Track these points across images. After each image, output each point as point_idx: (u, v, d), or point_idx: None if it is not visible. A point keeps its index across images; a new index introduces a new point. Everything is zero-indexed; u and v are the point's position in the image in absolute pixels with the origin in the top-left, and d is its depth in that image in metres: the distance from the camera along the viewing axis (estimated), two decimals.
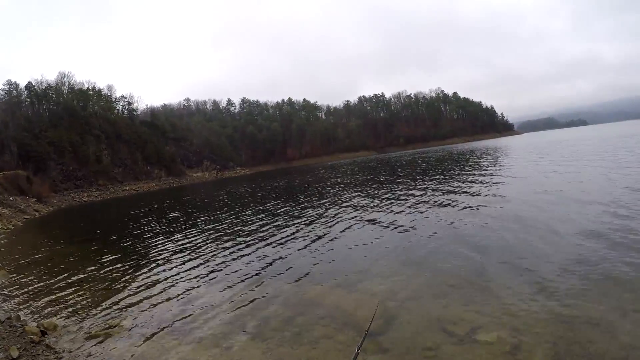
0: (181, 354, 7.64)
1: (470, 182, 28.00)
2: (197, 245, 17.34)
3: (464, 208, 18.28)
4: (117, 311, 10.25)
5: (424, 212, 18.81)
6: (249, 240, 17.15)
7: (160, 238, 20.16)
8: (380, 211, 20.49)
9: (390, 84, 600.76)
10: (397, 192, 27.77)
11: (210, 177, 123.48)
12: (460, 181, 29.40)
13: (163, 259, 15.59)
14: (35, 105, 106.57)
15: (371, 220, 18.30)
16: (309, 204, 27.31)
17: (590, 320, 6.97)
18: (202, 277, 12.52)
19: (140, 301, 10.86)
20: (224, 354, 7.51)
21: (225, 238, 18.23)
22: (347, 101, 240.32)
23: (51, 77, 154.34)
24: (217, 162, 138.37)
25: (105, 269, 14.83)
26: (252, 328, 8.46)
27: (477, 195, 21.50)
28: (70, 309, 10.69)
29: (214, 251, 15.91)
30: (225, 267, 13.38)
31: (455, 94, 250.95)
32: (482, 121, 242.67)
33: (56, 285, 13.14)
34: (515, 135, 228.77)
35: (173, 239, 19.40)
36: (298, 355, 7.16)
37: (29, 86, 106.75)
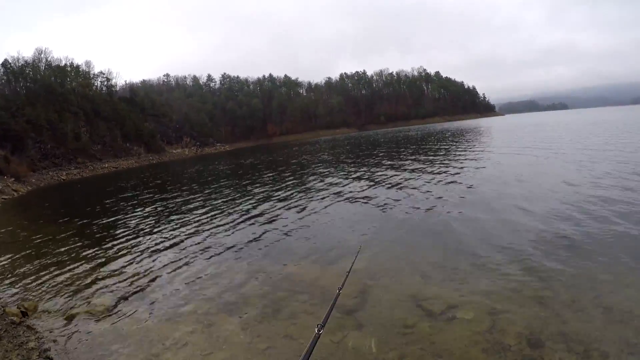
0: (161, 331, 7.73)
1: (447, 162, 28.34)
2: (176, 223, 17.36)
3: (441, 188, 18.56)
4: (98, 290, 10.28)
5: (402, 190, 19.04)
6: (227, 217, 17.25)
7: (139, 216, 20.13)
8: (357, 189, 20.72)
9: (368, 66, 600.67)
10: (375, 170, 28.01)
11: (190, 154, 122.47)
12: (436, 161, 29.65)
13: (142, 237, 15.60)
14: (12, 83, 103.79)
15: (348, 198, 18.55)
16: (285, 181, 27.41)
17: (565, 301, 7.17)
18: (181, 255, 12.59)
19: (121, 280, 10.91)
20: (204, 330, 7.62)
21: (203, 215, 18.26)
22: (329, 78, 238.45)
23: (28, 54, 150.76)
24: (197, 139, 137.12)
25: (85, 248, 14.79)
26: (232, 305, 8.59)
27: (454, 175, 21.77)
28: (51, 290, 10.68)
29: (192, 229, 15.96)
30: (203, 245, 13.47)
31: (437, 73, 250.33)
32: (463, 101, 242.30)
33: (36, 266, 13.08)
34: (496, 116, 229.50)
35: (152, 217, 19.39)
36: (277, 331, 7.30)
37: (5, 64, 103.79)
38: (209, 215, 18.26)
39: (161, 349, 7.09)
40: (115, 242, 15.26)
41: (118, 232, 17.02)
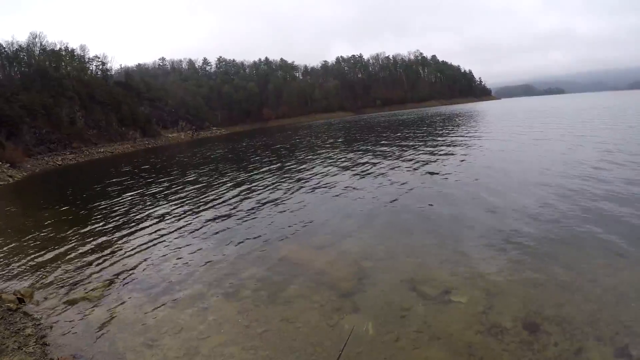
0: (158, 315, 7.76)
1: (440, 144, 28.36)
2: (172, 207, 17.34)
3: (433, 173, 18.53)
4: (94, 276, 10.28)
5: (396, 173, 19.09)
6: (224, 202, 17.22)
7: (136, 201, 20.05)
8: (352, 172, 20.75)
9: (363, 49, 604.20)
10: (365, 154, 27.99)
11: (186, 138, 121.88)
12: (427, 146, 29.60)
13: (139, 222, 15.57)
14: (6, 68, 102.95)
15: (343, 182, 18.54)
16: (277, 165, 27.46)
17: (561, 284, 7.22)
18: (178, 239, 12.61)
19: (117, 265, 10.91)
20: (200, 314, 7.65)
21: (200, 200, 18.24)
22: (325, 61, 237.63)
23: (22, 38, 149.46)
24: (192, 123, 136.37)
25: (82, 234, 14.75)
26: (228, 288, 8.62)
27: (445, 160, 21.73)
28: (47, 276, 10.68)
29: (189, 213, 15.96)
30: (200, 229, 13.48)
31: (434, 57, 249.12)
32: (460, 85, 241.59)
33: (32, 252, 13.05)
34: (492, 100, 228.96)
35: (149, 202, 19.33)
36: (273, 315, 7.33)
37: None
38: (203, 199, 18.25)
39: (159, 334, 7.11)
40: (111, 228, 15.23)
41: (114, 217, 16.98)
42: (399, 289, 7.75)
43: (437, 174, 17.89)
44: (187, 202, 18.21)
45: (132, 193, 23.00)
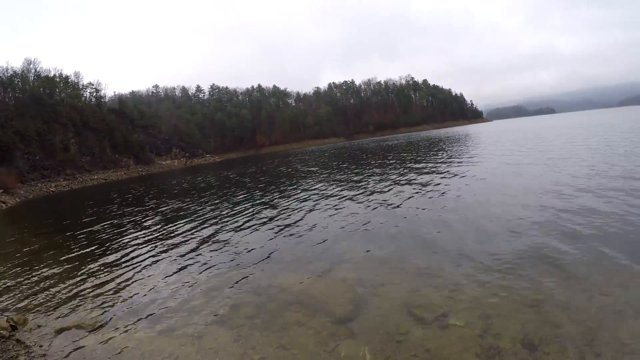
0: (152, 344, 7.66)
1: (431, 170, 28.33)
2: (166, 235, 17.24)
3: (430, 193, 18.61)
4: (88, 304, 10.17)
5: (391, 197, 19.05)
6: (217, 229, 17.15)
7: (129, 228, 19.96)
8: (346, 197, 20.68)
9: (352, 73, 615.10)
10: (363, 178, 28.09)
11: (179, 165, 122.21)
12: (421, 169, 29.67)
13: (132, 249, 15.44)
14: (0, 93, 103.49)
15: (338, 207, 18.47)
16: (273, 191, 27.41)
17: (558, 303, 7.20)
18: (172, 267, 12.50)
19: (111, 293, 10.80)
20: (195, 342, 7.57)
21: (193, 227, 18.15)
22: (317, 88, 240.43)
23: (17, 64, 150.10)
24: (186, 150, 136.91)
25: (75, 261, 14.63)
26: (223, 316, 8.54)
27: (438, 183, 21.71)
28: (40, 303, 10.57)
29: (183, 240, 15.87)
30: (194, 256, 13.38)
31: (425, 81, 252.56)
32: (451, 108, 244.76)
33: (26, 279, 12.94)
34: (483, 122, 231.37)
35: (142, 229, 19.24)
36: (270, 342, 7.26)
37: None
38: (197, 227, 18.14)
39: None
40: (103, 255, 15.13)
41: (107, 244, 16.89)
42: (395, 313, 7.71)
43: (430, 197, 17.88)
44: (180, 228, 18.13)
45: (124, 219, 22.93)
